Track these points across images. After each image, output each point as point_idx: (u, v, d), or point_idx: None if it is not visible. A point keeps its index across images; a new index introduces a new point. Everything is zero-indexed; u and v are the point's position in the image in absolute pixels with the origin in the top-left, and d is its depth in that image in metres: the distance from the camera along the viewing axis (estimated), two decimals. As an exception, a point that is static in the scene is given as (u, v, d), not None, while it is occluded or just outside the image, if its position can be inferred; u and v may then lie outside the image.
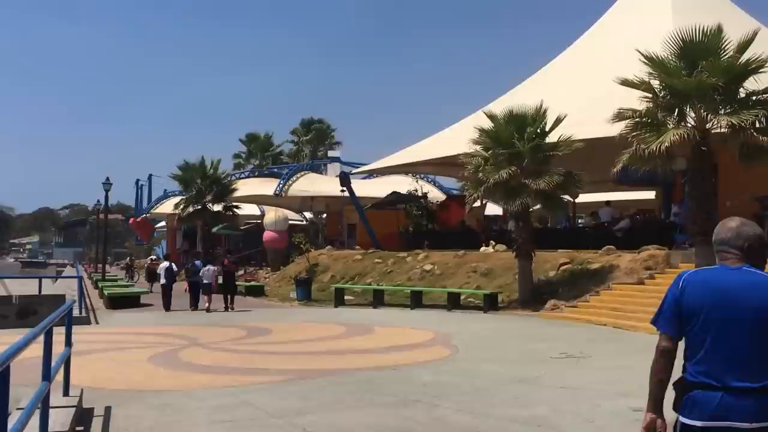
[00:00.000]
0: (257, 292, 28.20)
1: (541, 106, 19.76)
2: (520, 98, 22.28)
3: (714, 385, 2.93)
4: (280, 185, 39.39)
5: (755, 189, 20.40)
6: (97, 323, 18.60)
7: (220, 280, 22.85)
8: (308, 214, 47.94)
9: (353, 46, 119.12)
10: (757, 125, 14.49)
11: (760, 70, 14.61)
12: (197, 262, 23.45)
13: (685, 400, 3.00)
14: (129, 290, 26.41)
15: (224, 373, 10.39)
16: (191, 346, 13.46)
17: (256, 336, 15.11)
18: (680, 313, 3.06)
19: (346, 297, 23.66)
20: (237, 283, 28.53)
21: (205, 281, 22.19)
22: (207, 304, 21.41)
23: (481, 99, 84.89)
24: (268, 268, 36.06)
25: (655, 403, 3.12)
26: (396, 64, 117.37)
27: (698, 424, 2.95)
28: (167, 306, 21.62)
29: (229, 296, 22.05)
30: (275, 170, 50.01)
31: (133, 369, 10.82)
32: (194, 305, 21.81)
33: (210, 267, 23.04)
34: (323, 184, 41.40)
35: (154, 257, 45.15)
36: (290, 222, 41.73)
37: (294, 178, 40.77)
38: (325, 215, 45.25)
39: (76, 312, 18.50)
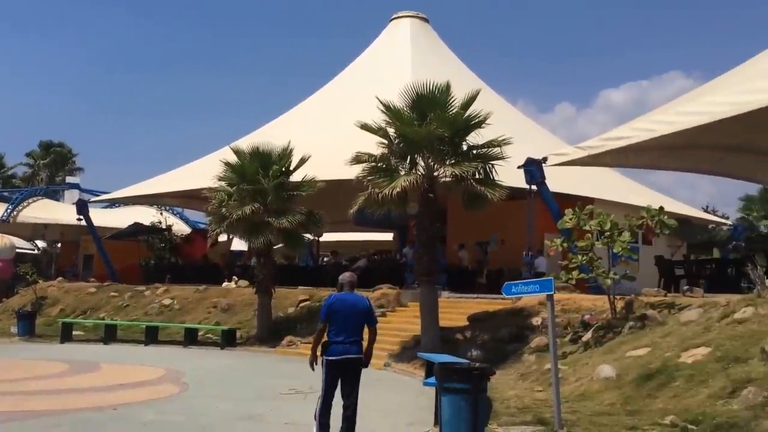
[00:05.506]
0: (-29, 327, 25.23)
1: (288, 145, 20.15)
2: (267, 136, 22.49)
3: (341, 341, 7.48)
4: (8, 210, 36.05)
5: (479, 234, 22.49)
6: None
7: None
8: (41, 243, 44.22)
9: (98, 73, 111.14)
10: (477, 176, 15.80)
11: (481, 126, 15.98)
12: None
13: (329, 350, 7.47)
14: None
15: None
16: None
17: (-40, 377, 13.52)
18: (330, 312, 7.64)
19: (75, 332, 21.99)
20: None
21: None
22: None
23: (231, 134, 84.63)
24: (-12, 301, 32.50)
25: (315, 346, 7.72)
26: (142, 96, 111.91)
27: (333, 358, 7.44)
28: None
29: None
30: (5, 194, 45.56)
31: None
32: None
33: None
34: (58, 212, 38.47)
35: None
36: (19, 251, 38.10)
37: (25, 204, 37.58)
38: (59, 245, 42.03)
39: None
